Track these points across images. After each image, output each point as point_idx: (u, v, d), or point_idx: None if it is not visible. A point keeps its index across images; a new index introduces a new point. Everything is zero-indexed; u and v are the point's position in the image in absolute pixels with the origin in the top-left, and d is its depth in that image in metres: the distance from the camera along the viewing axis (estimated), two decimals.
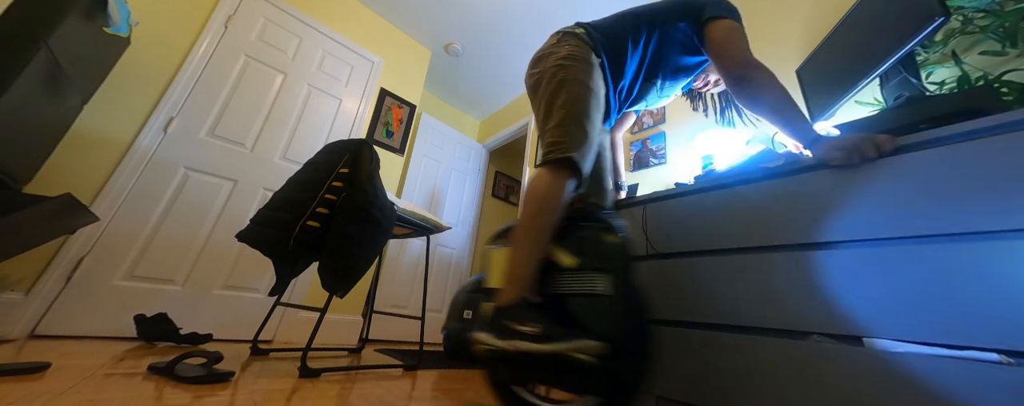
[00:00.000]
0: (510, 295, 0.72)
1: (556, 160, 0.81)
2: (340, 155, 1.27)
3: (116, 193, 1.54)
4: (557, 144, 0.82)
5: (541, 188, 0.80)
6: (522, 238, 0.77)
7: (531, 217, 0.78)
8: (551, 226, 0.78)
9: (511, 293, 0.72)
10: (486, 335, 0.69)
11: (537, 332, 0.63)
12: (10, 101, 0.92)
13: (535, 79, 1.01)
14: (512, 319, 0.67)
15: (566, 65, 0.94)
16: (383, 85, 2.66)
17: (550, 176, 0.81)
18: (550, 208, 0.78)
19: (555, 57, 0.96)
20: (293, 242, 1.19)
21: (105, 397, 0.75)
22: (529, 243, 0.76)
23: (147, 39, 1.67)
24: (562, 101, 0.88)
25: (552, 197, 0.79)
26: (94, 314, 1.44)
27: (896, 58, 0.86)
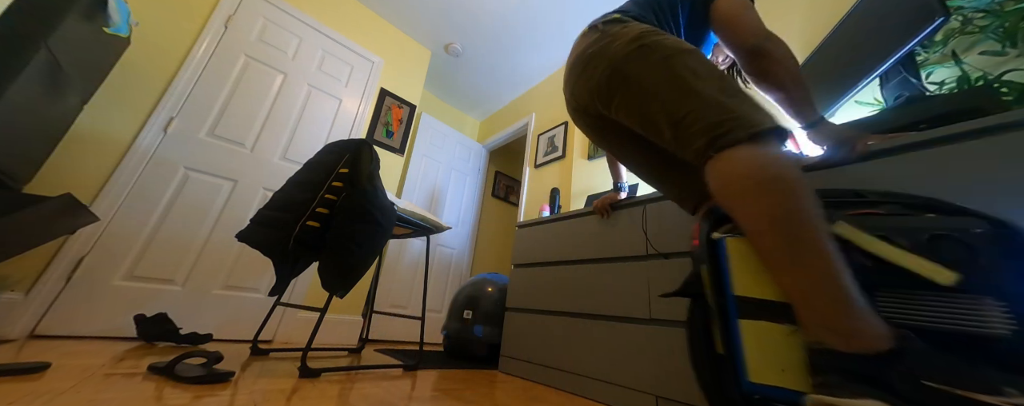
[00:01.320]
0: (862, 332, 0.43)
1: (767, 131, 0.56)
2: (340, 155, 1.27)
3: (116, 193, 1.54)
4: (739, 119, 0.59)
5: (774, 165, 0.53)
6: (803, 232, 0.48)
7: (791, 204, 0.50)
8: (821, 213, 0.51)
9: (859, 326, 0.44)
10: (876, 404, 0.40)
11: None
12: (10, 101, 0.92)
13: (605, 71, 0.79)
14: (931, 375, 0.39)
15: (655, 40, 0.74)
16: (383, 85, 2.66)
17: (769, 152, 0.55)
18: (804, 188, 0.51)
19: (625, 39, 0.77)
20: (293, 242, 1.19)
21: (105, 397, 0.75)
22: (821, 239, 0.48)
23: (147, 39, 1.67)
24: (690, 74, 0.67)
25: (798, 172, 0.53)
26: (94, 314, 1.44)
27: (896, 58, 0.86)
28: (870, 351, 0.42)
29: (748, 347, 0.50)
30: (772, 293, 0.51)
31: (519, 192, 3.77)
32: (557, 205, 2.27)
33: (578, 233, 1.45)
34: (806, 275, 0.47)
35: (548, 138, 2.86)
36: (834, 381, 0.43)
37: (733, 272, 0.55)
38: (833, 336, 0.44)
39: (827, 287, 0.46)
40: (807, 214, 0.49)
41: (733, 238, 0.57)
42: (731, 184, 0.55)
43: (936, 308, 0.45)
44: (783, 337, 0.49)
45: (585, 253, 1.38)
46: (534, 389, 1.28)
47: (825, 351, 0.45)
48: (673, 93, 0.67)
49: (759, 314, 0.51)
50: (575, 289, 1.36)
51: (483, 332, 1.85)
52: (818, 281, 0.46)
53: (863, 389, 0.41)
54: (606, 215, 1.36)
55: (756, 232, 0.52)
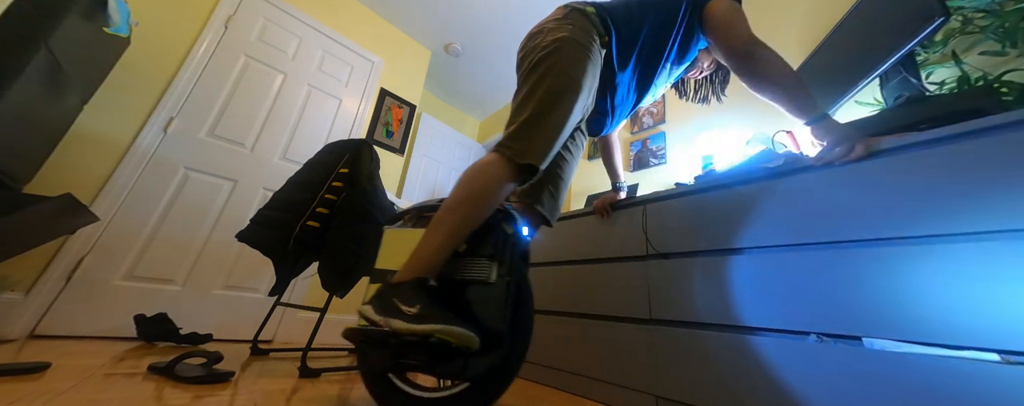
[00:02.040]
0: (406, 274, 0.67)
1: (510, 160, 0.75)
2: (340, 155, 1.27)
3: (116, 193, 1.54)
4: (518, 143, 0.76)
5: (483, 180, 0.74)
6: (442, 223, 0.71)
7: (461, 205, 0.72)
8: (478, 220, 0.73)
9: (408, 273, 0.67)
10: (367, 307, 0.64)
11: (414, 312, 0.59)
12: (10, 101, 0.92)
13: (522, 54, 0.93)
14: (399, 297, 0.63)
15: (560, 49, 0.85)
16: (383, 85, 2.66)
17: (497, 172, 0.75)
18: (484, 202, 0.73)
19: (552, 37, 0.87)
20: (293, 242, 1.19)
21: (105, 397, 0.75)
22: (448, 231, 0.70)
23: (147, 39, 1.67)
24: (541, 95, 0.81)
25: (490, 193, 0.74)
26: (94, 314, 1.44)
27: (896, 58, 0.86)
28: (393, 281, 0.67)
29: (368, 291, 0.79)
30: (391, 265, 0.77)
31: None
32: None
33: (578, 233, 1.45)
34: (425, 240, 0.70)
35: None
36: (372, 297, 0.66)
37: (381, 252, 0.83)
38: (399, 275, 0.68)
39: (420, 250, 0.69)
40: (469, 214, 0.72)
41: (390, 229, 0.85)
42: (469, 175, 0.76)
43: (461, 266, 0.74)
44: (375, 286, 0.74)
45: (585, 253, 1.38)
46: (534, 389, 1.28)
47: (386, 283, 0.68)
48: (526, 97, 0.83)
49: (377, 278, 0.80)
50: (575, 289, 1.36)
51: None
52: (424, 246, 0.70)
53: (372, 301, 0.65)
54: (606, 215, 1.36)
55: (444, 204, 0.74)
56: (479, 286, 0.71)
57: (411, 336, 0.57)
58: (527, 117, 0.79)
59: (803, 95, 0.83)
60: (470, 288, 0.72)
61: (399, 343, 0.59)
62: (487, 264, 0.72)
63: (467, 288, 0.72)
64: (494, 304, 0.68)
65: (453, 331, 0.57)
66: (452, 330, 0.57)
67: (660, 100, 2.18)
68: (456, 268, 0.74)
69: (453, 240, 0.71)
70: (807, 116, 0.83)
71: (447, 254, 0.70)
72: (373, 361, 0.77)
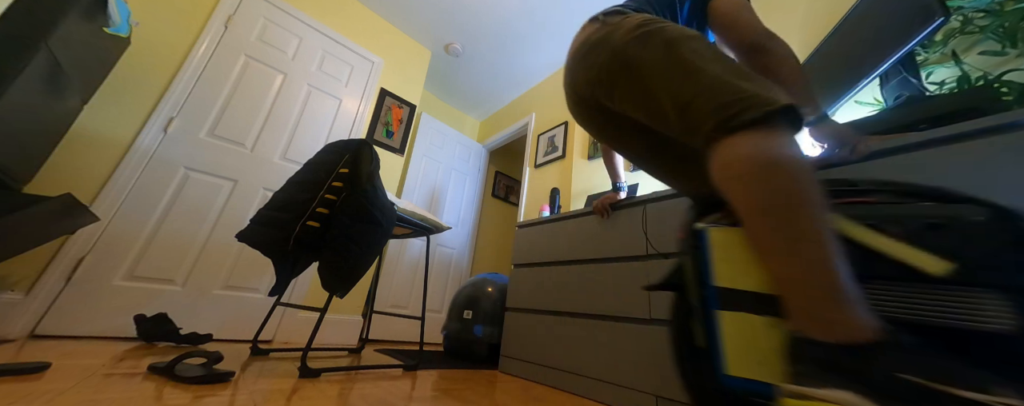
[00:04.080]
0: (848, 322, 0.41)
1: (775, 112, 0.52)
2: (340, 155, 1.27)
3: (116, 193, 1.54)
4: (751, 98, 0.54)
5: (781, 149, 0.50)
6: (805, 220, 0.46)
7: (795, 191, 0.47)
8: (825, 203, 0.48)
9: (845, 317, 0.41)
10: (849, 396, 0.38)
11: None
12: (10, 101, 0.92)
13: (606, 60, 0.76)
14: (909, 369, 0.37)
15: (657, 26, 0.71)
16: (383, 85, 2.66)
17: (774, 136, 0.51)
18: (810, 176, 0.48)
19: (627, 28, 0.74)
20: (293, 242, 1.19)
21: (105, 397, 0.75)
22: (822, 228, 0.45)
23: (147, 39, 1.67)
24: (696, 57, 0.64)
25: (804, 159, 0.50)
26: (94, 314, 1.44)
27: (896, 58, 0.86)
28: (849, 342, 0.40)
29: (727, 339, 0.48)
30: (754, 284, 0.49)
31: (519, 192, 3.77)
32: (557, 205, 2.26)
33: (578, 233, 1.45)
34: (799, 262, 0.45)
35: (548, 138, 2.86)
36: (809, 370, 0.42)
37: (715, 262, 0.53)
38: (816, 326, 0.43)
39: (819, 275, 0.43)
40: (808, 199, 0.47)
41: (716, 228, 0.55)
42: (732, 166, 0.52)
43: (928, 301, 0.42)
44: (763, 329, 0.47)
45: (585, 253, 1.38)
46: (534, 389, 1.28)
47: (805, 340, 0.43)
48: (679, 76, 0.63)
49: (740, 305, 0.49)
50: (575, 289, 1.36)
51: (483, 332, 1.85)
52: (810, 269, 0.44)
53: (838, 380, 0.39)
54: (606, 215, 1.36)
55: (752, 215, 0.50)
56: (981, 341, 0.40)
57: None
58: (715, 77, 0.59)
59: (808, 95, 0.81)
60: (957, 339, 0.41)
61: None
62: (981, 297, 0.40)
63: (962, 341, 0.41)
64: None
65: None
66: None
67: None
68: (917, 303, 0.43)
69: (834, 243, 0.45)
70: (807, 117, 0.82)
71: None
72: None
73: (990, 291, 0.39)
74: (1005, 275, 0.39)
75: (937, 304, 0.41)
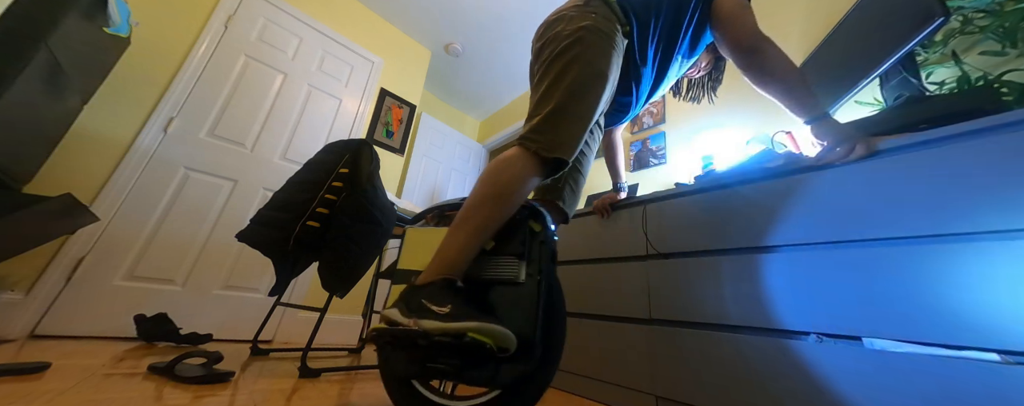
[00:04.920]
0: (432, 275, 0.64)
1: (535, 154, 0.72)
2: (340, 155, 1.27)
3: (116, 193, 1.54)
4: (544, 136, 0.73)
5: (508, 175, 0.71)
6: (467, 221, 0.67)
7: (486, 202, 0.69)
8: (504, 217, 0.70)
9: (434, 273, 0.64)
10: (392, 310, 0.60)
11: (446, 311, 0.56)
12: (10, 101, 0.92)
13: (540, 43, 0.88)
14: (427, 297, 0.60)
15: (584, 38, 0.81)
16: (383, 85, 2.66)
17: (522, 166, 0.71)
18: (509, 198, 0.69)
19: (575, 25, 0.83)
20: (293, 242, 1.19)
21: (105, 397, 0.75)
22: (474, 228, 0.67)
23: (147, 39, 1.67)
24: (567, 85, 0.77)
25: (516, 188, 0.70)
26: (94, 314, 1.44)
27: (896, 58, 0.86)
28: (418, 283, 0.64)
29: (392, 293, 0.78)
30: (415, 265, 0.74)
31: None
32: None
33: (578, 233, 1.45)
34: (448, 239, 0.67)
35: None
36: (396, 301, 0.64)
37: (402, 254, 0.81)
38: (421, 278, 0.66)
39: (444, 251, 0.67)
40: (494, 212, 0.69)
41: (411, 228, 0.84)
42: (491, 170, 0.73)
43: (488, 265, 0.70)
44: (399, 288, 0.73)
45: (585, 253, 1.38)
46: None
47: (411, 285, 0.65)
48: (551, 87, 0.79)
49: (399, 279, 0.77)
50: (575, 289, 1.36)
51: None
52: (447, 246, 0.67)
53: (397, 303, 0.63)
54: (606, 215, 1.36)
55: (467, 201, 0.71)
56: (507, 287, 0.66)
57: (443, 336, 0.53)
58: (553, 108, 0.75)
59: (806, 93, 0.83)
60: (497, 289, 0.67)
61: (429, 344, 0.55)
62: (516, 263, 0.68)
63: (494, 289, 0.68)
64: (525, 306, 0.63)
65: (489, 329, 0.53)
66: (488, 327, 0.53)
67: (660, 100, 2.18)
68: (482, 268, 0.70)
69: (478, 238, 0.67)
70: (808, 115, 0.82)
71: (473, 253, 0.67)
72: (397, 365, 0.69)
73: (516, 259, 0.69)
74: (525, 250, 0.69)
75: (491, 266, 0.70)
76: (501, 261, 0.69)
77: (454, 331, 0.53)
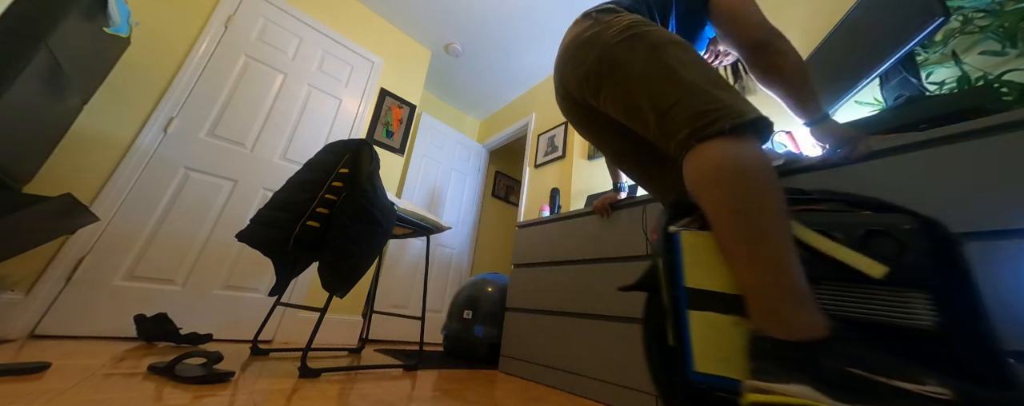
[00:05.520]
0: (803, 321, 0.44)
1: (749, 123, 0.56)
2: (340, 155, 1.27)
3: (116, 193, 1.54)
4: (725, 108, 0.58)
5: (749, 158, 0.54)
6: (768, 225, 0.49)
7: (759, 197, 0.51)
8: (786, 210, 0.52)
9: (800, 316, 0.44)
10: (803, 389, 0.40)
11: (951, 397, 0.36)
12: (10, 101, 0.92)
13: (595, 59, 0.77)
14: (853, 362, 0.40)
15: (645, 30, 0.73)
16: (383, 85, 2.66)
17: (744, 146, 0.55)
18: (774, 184, 0.52)
19: (617, 28, 0.76)
20: (293, 242, 1.19)
21: (105, 397, 0.75)
22: (783, 233, 0.49)
23: (147, 39, 1.67)
24: (679, 64, 0.66)
25: (769, 168, 0.54)
26: (94, 314, 1.44)
27: (896, 58, 0.86)
28: (805, 339, 0.43)
29: (695, 338, 0.51)
30: (721, 285, 0.52)
31: (519, 192, 3.77)
32: (557, 205, 2.26)
33: (578, 233, 1.45)
34: (761, 263, 0.48)
35: (548, 138, 2.86)
36: (769, 367, 0.44)
37: (686, 264, 0.56)
38: (776, 325, 0.45)
39: (777, 276, 0.47)
40: (771, 206, 0.51)
41: (688, 231, 0.58)
42: (704, 172, 0.56)
43: (869, 300, 0.46)
44: (729, 328, 0.50)
45: (585, 253, 1.38)
46: (534, 389, 1.28)
47: (765, 338, 0.46)
48: (661, 82, 0.66)
49: (708, 305, 0.52)
50: (575, 289, 1.36)
51: (483, 332, 1.85)
52: (770, 270, 0.47)
53: (794, 375, 0.42)
54: (606, 215, 1.36)
55: (720, 220, 0.53)
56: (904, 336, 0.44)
57: None
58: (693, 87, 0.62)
59: (810, 94, 0.79)
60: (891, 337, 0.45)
61: None
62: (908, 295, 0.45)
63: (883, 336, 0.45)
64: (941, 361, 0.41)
65: None
66: None
67: None
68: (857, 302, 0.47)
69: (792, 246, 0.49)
70: (809, 116, 0.80)
71: None
72: None
73: (916, 290, 0.45)
74: (928, 277, 0.45)
75: (875, 303, 0.46)
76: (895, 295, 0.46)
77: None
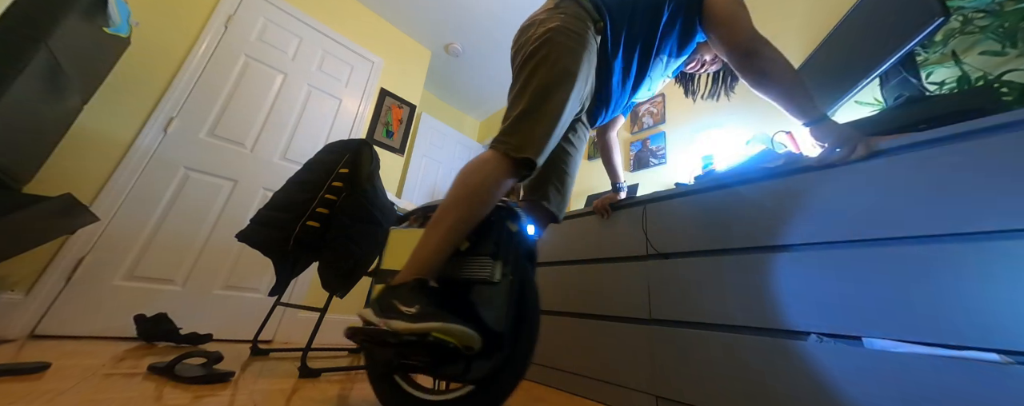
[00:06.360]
0: (406, 276, 0.66)
1: (506, 155, 0.74)
2: (340, 155, 1.27)
3: (116, 193, 1.54)
4: (513, 137, 0.75)
5: (480, 176, 0.73)
6: (441, 223, 0.70)
7: (458, 204, 0.71)
8: (476, 219, 0.72)
9: (408, 274, 0.66)
10: (367, 310, 0.63)
11: (413, 312, 0.58)
12: (10, 101, 0.92)
13: (515, 48, 0.91)
14: (398, 298, 0.62)
15: (553, 40, 0.82)
16: (383, 85, 2.66)
17: (494, 168, 0.73)
18: (481, 200, 0.72)
19: (543, 28, 0.85)
20: (293, 242, 1.19)
21: (105, 397, 0.75)
22: (447, 230, 0.69)
23: (147, 39, 1.67)
24: (534, 87, 0.79)
25: (487, 190, 0.72)
26: (94, 314, 1.44)
27: (896, 58, 0.86)
28: (394, 284, 0.66)
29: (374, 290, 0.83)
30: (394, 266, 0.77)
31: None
32: None
33: (578, 233, 1.45)
34: (427, 240, 0.69)
35: None
36: (375, 299, 0.65)
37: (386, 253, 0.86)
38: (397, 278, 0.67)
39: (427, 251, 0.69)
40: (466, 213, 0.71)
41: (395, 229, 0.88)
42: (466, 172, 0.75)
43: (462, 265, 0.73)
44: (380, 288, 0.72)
45: (585, 253, 1.38)
46: (534, 389, 1.28)
47: (387, 286, 0.66)
48: (522, 90, 0.80)
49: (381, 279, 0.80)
50: (575, 289, 1.36)
51: None
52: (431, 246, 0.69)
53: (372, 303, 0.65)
54: (606, 215, 1.36)
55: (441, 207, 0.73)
56: (481, 286, 0.70)
57: (409, 336, 0.56)
58: (522, 110, 0.77)
59: (804, 95, 0.82)
60: (473, 288, 0.70)
61: (399, 343, 0.57)
62: (490, 262, 0.70)
63: (470, 288, 0.70)
64: (497, 304, 0.67)
65: (451, 329, 0.56)
66: (450, 327, 0.56)
67: (660, 100, 2.18)
68: (458, 267, 0.73)
69: (452, 239, 0.69)
70: (807, 117, 0.82)
71: (446, 254, 0.70)
72: (376, 361, 0.76)
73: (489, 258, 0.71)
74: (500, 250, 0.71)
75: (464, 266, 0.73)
76: (476, 261, 0.72)
77: (419, 331, 0.55)
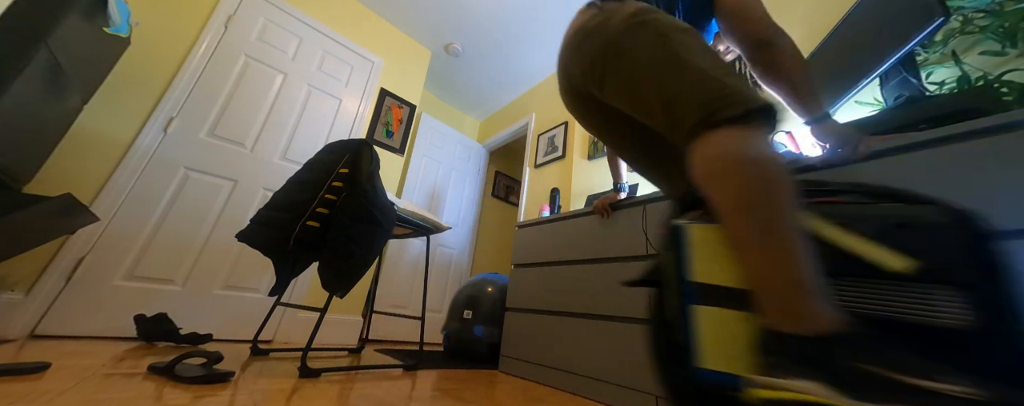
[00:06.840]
0: (815, 316, 0.42)
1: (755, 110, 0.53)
2: (340, 155, 1.27)
3: (116, 193, 1.54)
4: (734, 95, 0.55)
5: (757, 147, 0.51)
6: (777, 217, 0.47)
7: (768, 187, 0.49)
8: (795, 203, 0.49)
9: (811, 311, 0.43)
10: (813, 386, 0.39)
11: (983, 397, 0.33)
12: (10, 101, 0.92)
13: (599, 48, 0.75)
14: (869, 359, 0.38)
15: (651, 17, 0.71)
16: (383, 85, 2.66)
17: (753, 134, 0.53)
18: (783, 173, 0.50)
19: (622, 16, 0.73)
20: (293, 242, 1.19)
21: (105, 397, 0.75)
22: (792, 227, 0.47)
23: (147, 39, 1.67)
24: (685, 51, 0.64)
25: (778, 157, 0.52)
26: (94, 314, 1.44)
27: (896, 58, 0.86)
28: (814, 333, 0.42)
29: (703, 333, 0.49)
30: (729, 279, 0.50)
31: (519, 192, 3.77)
32: (557, 205, 2.27)
33: (578, 233, 1.45)
34: (770, 257, 0.46)
35: (548, 138, 2.86)
36: (778, 362, 0.43)
37: (694, 259, 0.53)
38: (786, 319, 0.44)
39: (788, 271, 0.45)
40: (781, 197, 0.49)
41: (695, 224, 0.56)
42: (713, 162, 0.53)
43: (890, 296, 0.44)
44: (737, 323, 0.48)
45: (585, 253, 1.38)
46: (534, 389, 1.28)
47: (774, 333, 0.44)
48: (668, 70, 0.63)
49: (716, 300, 0.50)
50: (575, 289, 1.36)
51: (483, 332, 1.85)
52: (779, 263, 0.45)
53: (803, 370, 0.41)
54: (606, 215, 1.36)
55: (728, 210, 0.51)
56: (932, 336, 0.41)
57: None
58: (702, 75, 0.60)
59: (811, 92, 0.78)
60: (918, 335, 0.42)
61: None
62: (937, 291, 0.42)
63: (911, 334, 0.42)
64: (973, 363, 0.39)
65: None
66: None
67: None
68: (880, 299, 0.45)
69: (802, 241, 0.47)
70: (810, 115, 0.79)
71: None
72: None
73: (946, 288, 0.41)
74: (960, 273, 0.41)
75: (899, 300, 0.43)
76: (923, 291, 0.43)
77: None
